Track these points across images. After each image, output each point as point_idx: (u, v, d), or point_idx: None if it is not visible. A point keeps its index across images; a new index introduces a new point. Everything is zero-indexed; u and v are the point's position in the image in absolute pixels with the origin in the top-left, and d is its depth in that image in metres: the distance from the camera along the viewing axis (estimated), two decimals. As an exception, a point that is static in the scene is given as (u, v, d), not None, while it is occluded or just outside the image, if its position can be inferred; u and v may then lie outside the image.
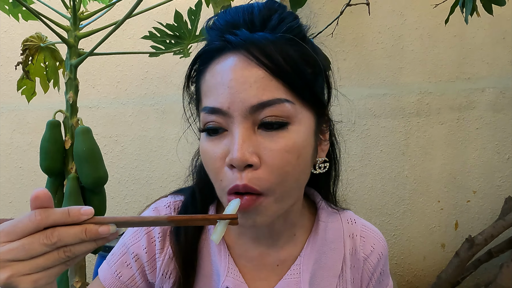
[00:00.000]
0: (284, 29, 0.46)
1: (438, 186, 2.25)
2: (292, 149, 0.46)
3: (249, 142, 0.44)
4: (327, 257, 0.56)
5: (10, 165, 2.39)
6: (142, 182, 2.35)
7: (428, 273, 2.21)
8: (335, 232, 0.58)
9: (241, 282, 0.53)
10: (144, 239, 0.57)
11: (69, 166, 1.09)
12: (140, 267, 0.57)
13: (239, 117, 0.44)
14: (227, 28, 0.46)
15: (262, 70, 0.44)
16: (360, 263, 0.57)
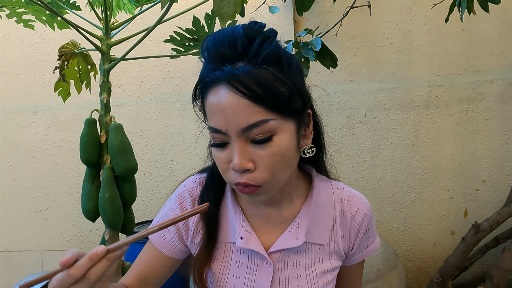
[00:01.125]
0: (261, 57, 0.58)
1: (448, 175, 2.32)
2: (277, 153, 0.59)
3: (244, 153, 0.58)
4: (320, 216, 0.69)
5: (45, 160, 2.60)
6: (166, 175, 2.52)
7: (438, 259, 2.30)
8: (327, 197, 0.71)
9: (252, 234, 0.68)
10: (178, 208, 0.73)
11: (104, 158, 1.25)
12: (177, 231, 0.73)
13: (235, 136, 0.59)
14: (217, 59, 0.59)
15: (246, 100, 0.57)
16: (347, 221, 0.71)
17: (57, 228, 2.61)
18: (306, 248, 0.69)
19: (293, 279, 0.67)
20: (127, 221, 1.31)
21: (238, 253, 0.69)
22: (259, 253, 0.68)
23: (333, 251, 0.70)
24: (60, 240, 2.62)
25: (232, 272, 0.68)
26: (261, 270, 0.68)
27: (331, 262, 0.70)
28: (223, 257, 0.70)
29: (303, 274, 0.68)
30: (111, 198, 1.22)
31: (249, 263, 0.68)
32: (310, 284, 0.67)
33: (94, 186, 1.25)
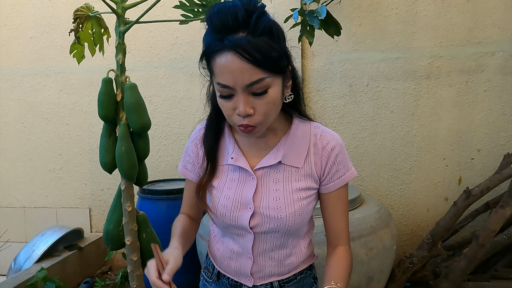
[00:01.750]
0: (259, 30, 0.74)
1: (444, 144, 2.42)
2: (271, 101, 0.78)
3: (247, 102, 0.76)
4: (296, 145, 0.88)
5: (58, 122, 2.71)
6: (173, 138, 2.63)
7: (431, 224, 2.42)
8: (304, 132, 0.89)
9: (241, 156, 0.89)
10: (192, 146, 0.95)
11: (120, 115, 1.34)
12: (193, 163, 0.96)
13: (240, 90, 0.75)
14: (221, 29, 0.74)
15: (249, 64, 0.73)
16: (319, 151, 0.88)
17: (70, 187, 2.75)
18: (284, 169, 0.87)
19: (273, 191, 0.86)
20: (141, 174, 1.42)
21: (232, 171, 0.89)
22: (246, 170, 0.87)
23: (308, 174, 0.87)
24: (73, 198, 2.76)
25: (227, 185, 0.89)
26: (248, 183, 0.87)
27: (306, 182, 0.87)
28: (221, 175, 0.90)
29: (280, 188, 0.86)
30: (127, 152, 1.32)
31: (239, 178, 0.88)
32: (285, 196, 0.86)
33: (111, 141, 1.35)
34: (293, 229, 0.87)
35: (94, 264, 2.62)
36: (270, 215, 0.85)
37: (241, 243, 0.91)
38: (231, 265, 0.94)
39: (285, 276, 0.93)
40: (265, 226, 0.86)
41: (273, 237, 0.89)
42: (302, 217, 0.86)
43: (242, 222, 0.87)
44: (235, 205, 0.87)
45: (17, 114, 2.73)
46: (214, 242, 0.99)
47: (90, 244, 2.58)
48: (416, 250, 2.18)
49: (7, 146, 2.77)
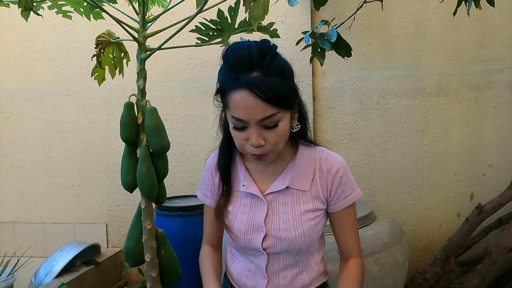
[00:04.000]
0: (272, 70, 0.81)
1: (455, 160, 2.44)
2: (280, 133, 0.86)
3: (259, 135, 0.84)
4: (302, 169, 0.94)
5: (77, 140, 2.80)
6: (188, 155, 2.70)
7: (444, 239, 2.42)
8: (309, 157, 0.95)
9: (252, 183, 0.96)
10: (208, 173, 1.04)
11: (141, 137, 1.41)
12: (211, 188, 1.04)
13: (253, 123, 0.83)
14: (236, 68, 0.81)
15: (262, 101, 0.80)
16: (324, 174, 0.94)
17: (88, 203, 2.83)
18: (292, 193, 0.94)
19: (282, 214, 0.93)
20: (160, 193, 1.47)
21: (244, 197, 0.97)
22: (257, 196, 0.94)
23: (315, 196, 0.93)
24: (90, 214, 2.84)
25: (240, 210, 0.96)
26: (259, 207, 0.94)
27: (313, 204, 0.94)
28: (235, 201, 0.98)
29: (289, 211, 0.92)
30: (148, 172, 1.38)
31: (251, 203, 0.95)
32: (294, 218, 0.92)
33: (132, 162, 1.42)
34: (303, 248, 0.93)
35: (111, 278, 2.68)
36: (281, 237, 0.92)
37: (256, 263, 0.97)
38: (247, 284, 1.00)
39: None
40: (277, 247, 0.93)
41: (285, 256, 0.95)
42: (311, 236, 0.93)
43: (256, 244, 0.94)
44: (249, 229, 0.94)
45: (38, 133, 2.84)
46: (231, 261, 1.06)
47: (107, 259, 2.64)
48: (429, 266, 2.19)
49: (27, 163, 2.87)
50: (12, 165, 2.89)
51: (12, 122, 2.86)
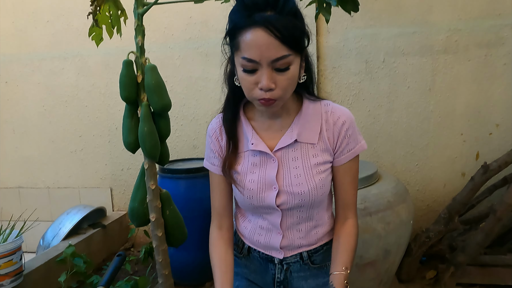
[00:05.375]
0: (286, 10, 0.78)
1: (462, 120, 2.40)
2: (291, 77, 0.82)
3: (270, 77, 0.80)
4: (309, 123, 0.92)
5: (77, 105, 2.76)
6: (190, 118, 2.66)
7: (447, 199, 2.43)
8: (315, 110, 0.93)
9: (260, 141, 0.93)
10: (213, 140, 0.99)
11: (141, 96, 1.37)
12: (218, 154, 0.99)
13: (265, 64, 0.79)
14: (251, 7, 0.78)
15: (276, 40, 0.77)
16: (331, 126, 0.92)
17: (92, 168, 2.83)
18: (301, 147, 0.92)
19: (293, 169, 0.91)
20: (163, 153, 1.45)
21: (252, 156, 0.94)
22: (266, 153, 0.92)
23: (323, 149, 0.92)
24: (95, 178, 2.85)
25: (249, 170, 0.94)
26: (269, 165, 0.92)
27: (323, 157, 0.92)
28: (243, 161, 0.95)
29: (300, 165, 0.91)
30: (150, 132, 1.36)
31: (261, 161, 0.93)
32: (305, 172, 0.90)
33: (133, 122, 1.39)
34: (316, 201, 0.92)
35: (117, 241, 2.72)
36: (294, 192, 0.91)
37: (269, 220, 0.96)
38: (261, 241, 0.99)
39: (313, 246, 0.98)
40: (291, 202, 0.92)
41: (299, 211, 0.94)
42: (323, 189, 0.92)
43: (269, 201, 0.92)
44: (260, 187, 0.92)
45: (37, 98, 2.80)
46: (241, 221, 1.05)
47: (113, 222, 2.67)
48: (432, 224, 2.20)
49: (29, 129, 2.85)
50: (14, 131, 2.88)
51: (11, 87, 2.82)
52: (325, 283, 0.97)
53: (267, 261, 1.00)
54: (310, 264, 0.99)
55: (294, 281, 1.00)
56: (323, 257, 1.00)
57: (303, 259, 0.98)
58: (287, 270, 0.99)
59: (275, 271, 1.00)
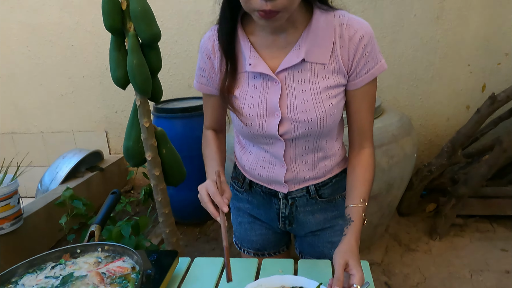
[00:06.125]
0: None
1: (470, 50, 2.28)
2: None
3: None
4: (320, 38, 0.77)
5: (63, 44, 2.61)
6: (183, 56, 2.53)
7: (450, 133, 2.38)
8: (328, 22, 0.77)
9: (259, 60, 0.79)
10: (205, 58, 0.86)
11: (128, 25, 1.25)
12: (209, 75, 0.87)
13: None
14: None
15: None
16: (346, 43, 0.77)
17: (85, 111, 2.74)
18: (309, 68, 0.78)
19: (299, 93, 0.78)
20: (155, 88, 1.36)
21: (252, 78, 0.81)
22: (267, 75, 0.79)
23: (336, 70, 0.78)
24: (89, 122, 2.77)
25: (249, 93, 0.81)
26: (271, 89, 0.80)
27: (334, 79, 0.78)
28: (242, 84, 0.82)
29: (307, 89, 0.78)
30: (139, 65, 1.26)
31: (262, 85, 0.80)
32: (313, 97, 0.78)
33: (121, 54, 1.28)
34: (325, 130, 0.82)
35: (117, 183, 2.71)
36: (300, 120, 0.79)
37: (271, 152, 0.87)
38: (263, 174, 0.91)
39: (321, 179, 0.90)
40: (296, 131, 0.81)
41: (305, 141, 0.84)
42: (333, 117, 0.80)
43: (271, 130, 0.82)
44: (261, 114, 0.81)
45: (20, 37, 2.63)
46: (241, 153, 0.95)
47: (111, 165, 2.64)
48: (435, 158, 2.17)
49: (15, 71, 2.72)
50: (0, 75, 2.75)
51: (-10, 26, 2.64)
52: (334, 216, 0.93)
53: (271, 196, 0.93)
54: (317, 198, 0.91)
55: (300, 216, 0.93)
56: (332, 190, 0.92)
57: (310, 193, 0.91)
58: (292, 205, 0.92)
59: (279, 206, 0.93)
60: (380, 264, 1.89)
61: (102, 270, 0.70)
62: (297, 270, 0.84)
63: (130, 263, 0.72)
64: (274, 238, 1.00)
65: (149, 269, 0.76)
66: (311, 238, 0.96)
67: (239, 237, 1.04)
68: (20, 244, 1.85)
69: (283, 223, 0.95)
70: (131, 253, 0.72)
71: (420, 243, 2.05)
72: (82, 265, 0.73)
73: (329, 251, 0.95)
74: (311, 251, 0.97)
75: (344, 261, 0.68)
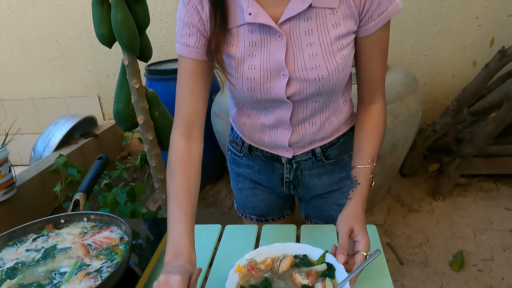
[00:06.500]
0: None
1: (479, 1, 2.14)
2: None
3: None
4: None
5: (47, 4, 2.45)
6: (175, 14, 2.39)
7: (455, 91, 2.30)
8: None
9: (260, 9, 0.66)
10: (190, 10, 0.70)
11: (110, -25, 1.14)
12: (197, 30, 0.71)
13: None
14: None
15: None
16: None
17: (75, 75, 2.63)
18: (317, 14, 0.67)
19: (307, 47, 0.68)
20: (144, 46, 1.27)
21: (250, 33, 0.69)
22: (270, 26, 0.66)
23: (346, 14, 0.67)
24: (80, 87, 2.67)
25: (247, 52, 0.69)
26: (274, 44, 0.68)
27: (346, 26, 0.68)
28: (237, 41, 0.69)
29: (316, 41, 0.67)
30: (124, 20, 1.15)
31: (262, 40, 0.68)
32: (323, 49, 0.67)
33: (104, 9, 1.18)
34: (337, 87, 0.72)
35: (112, 150, 2.65)
36: (310, 78, 0.69)
37: (275, 115, 0.76)
38: (264, 139, 0.82)
39: (328, 140, 0.82)
40: (305, 92, 0.71)
41: (314, 101, 0.74)
42: (345, 71, 0.70)
43: (277, 93, 0.71)
44: (265, 75, 0.69)
45: (2, -2, 2.48)
46: (239, 116, 0.84)
47: (105, 131, 2.57)
48: (439, 117, 2.10)
49: (-1, 35, 2.58)
50: (-17, 38, 2.61)
51: (-31, -14, 2.48)
52: (342, 178, 0.86)
53: (273, 161, 0.85)
54: (324, 160, 0.83)
55: (306, 179, 0.86)
56: (339, 150, 0.84)
57: (316, 156, 0.82)
58: (297, 169, 0.84)
59: (283, 171, 0.85)
60: (383, 225, 1.86)
61: (87, 242, 0.65)
62: (299, 236, 0.79)
63: (118, 233, 0.67)
64: (278, 202, 0.94)
65: (140, 239, 0.71)
66: (318, 201, 0.89)
67: (240, 203, 0.96)
68: (15, 213, 1.81)
69: (287, 188, 0.88)
70: (119, 222, 0.67)
71: (422, 204, 2.02)
72: (66, 236, 0.67)
73: (337, 213, 0.87)
74: (318, 214, 0.91)
75: (349, 227, 0.62)
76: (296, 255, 0.65)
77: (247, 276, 0.62)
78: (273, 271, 0.62)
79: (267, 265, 0.63)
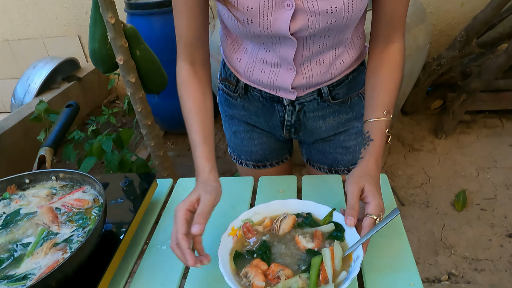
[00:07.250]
0: None
1: None
2: None
3: None
4: None
5: None
6: None
7: (463, 21, 2.13)
8: None
9: None
10: None
11: None
12: None
13: None
14: None
15: None
16: None
17: (51, 13, 2.41)
18: None
19: None
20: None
21: None
22: None
23: None
24: (57, 26, 2.46)
25: None
26: None
27: None
28: None
29: None
30: None
31: None
32: None
33: None
34: (352, 21, 0.59)
35: (98, 94, 2.51)
36: (320, 10, 0.57)
37: (277, 53, 0.65)
38: (263, 79, 0.70)
39: (336, 78, 0.70)
40: (314, 27, 0.59)
41: (323, 37, 0.62)
42: (364, 1, 0.58)
43: (279, 28, 0.59)
44: (265, 6, 0.58)
45: None
46: (232, 51, 0.72)
47: (89, 74, 2.41)
48: (445, 50, 1.96)
49: (-40, -33, 2.32)
50: None
51: None
52: (349, 119, 0.76)
53: (273, 102, 0.74)
54: (330, 100, 0.73)
55: (309, 122, 0.76)
56: (347, 89, 0.73)
57: (322, 96, 0.72)
58: (300, 111, 0.74)
59: (284, 113, 0.75)
60: (383, 166, 1.81)
61: (56, 205, 0.56)
62: (301, 188, 0.70)
63: (91, 194, 0.58)
64: (276, 146, 0.83)
65: (120, 198, 0.62)
66: (322, 145, 0.79)
67: (234, 148, 0.86)
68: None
69: (288, 132, 0.77)
70: (93, 181, 0.57)
71: (424, 142, 1.95)
72: (32, 199, 0.58)
73: (342, 157, 0.78)
74: (322, 158, 0.81)
75: (359, 186, 0.52)
76: (298, 214, 0.56)
77: (243, 240, 0.54)
78: (272, 233, 0.54)
79: (265, 226, 0.55)
